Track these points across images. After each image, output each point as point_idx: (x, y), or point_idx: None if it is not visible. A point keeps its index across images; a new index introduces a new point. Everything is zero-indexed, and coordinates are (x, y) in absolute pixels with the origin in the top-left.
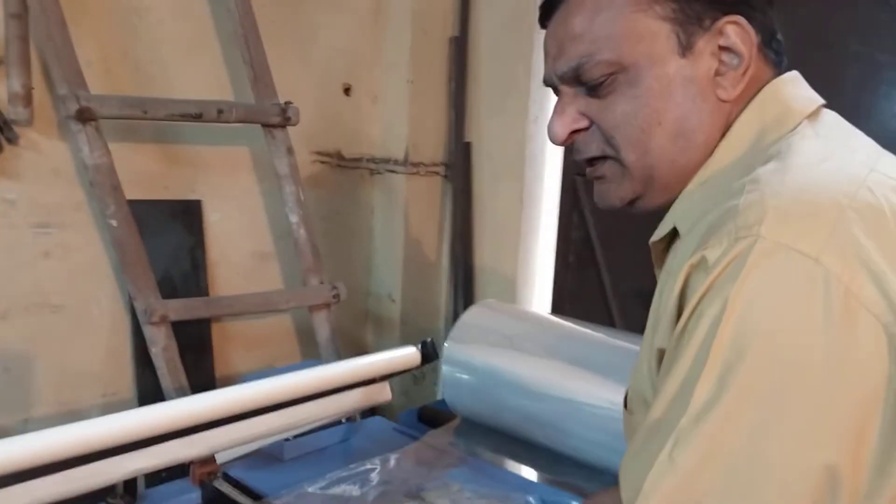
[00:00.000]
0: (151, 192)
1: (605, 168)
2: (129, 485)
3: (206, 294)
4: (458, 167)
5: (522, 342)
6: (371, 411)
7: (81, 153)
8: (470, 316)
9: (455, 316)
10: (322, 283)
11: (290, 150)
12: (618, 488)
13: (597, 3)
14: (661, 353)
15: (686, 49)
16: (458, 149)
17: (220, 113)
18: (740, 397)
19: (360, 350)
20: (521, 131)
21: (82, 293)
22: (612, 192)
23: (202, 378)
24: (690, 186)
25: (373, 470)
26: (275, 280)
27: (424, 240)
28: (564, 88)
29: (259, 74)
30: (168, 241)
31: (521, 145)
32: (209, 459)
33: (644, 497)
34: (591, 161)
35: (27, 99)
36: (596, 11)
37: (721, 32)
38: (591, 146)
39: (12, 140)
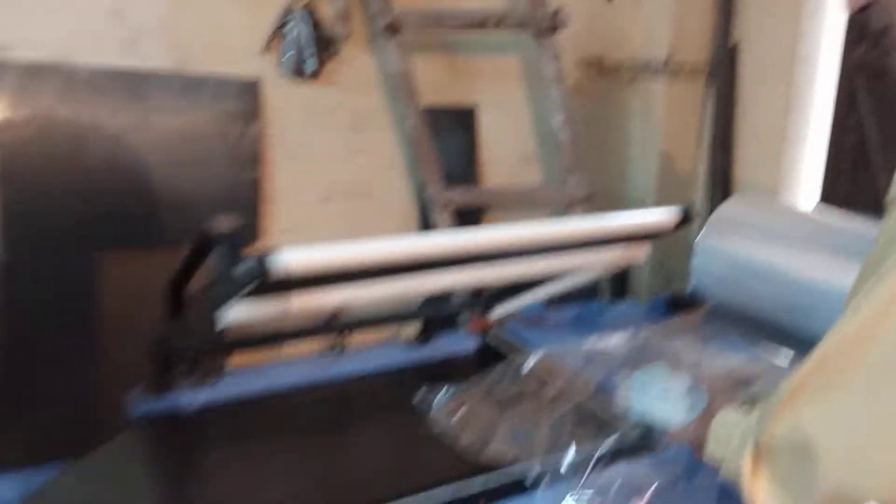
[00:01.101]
0: (436, 98)
1: None
2: (426, 326)
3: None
4: (721, 71)
5: (779, 233)
6: (622, 292)
7: (386, 63)
8: (726, 209)
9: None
10: (579, 181)
11: (556, 55)
12: None
13: None
14: None
15: None
16: (723, 51)
17: (499, 19)
18: None
19: None
20: (794, 29)
21: (382, 184)
22: None
23: None
24: None
25: (628, 336)
26: (534, 181)
27: (681, 146)
28: None
29: None
30: (449, 142)
31: (793, 45)
32: (483, 316)
33: None
34: None
35: (346, 16)
36: None
37: None
38: None
39: (335, 54)
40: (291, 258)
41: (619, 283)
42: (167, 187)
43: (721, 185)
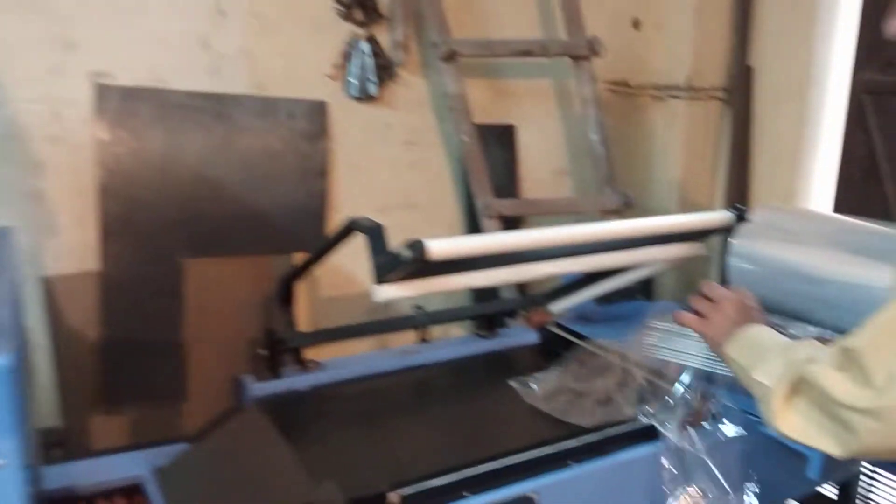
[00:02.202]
0: (480, 118)
1: None
2: (493, 321)
3: None
4: (738, 91)
5: (805, 235)
6: (648, 294)
7: (446, 86)
8: (756, 215)
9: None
10: (614, 192)
11: (593, 78)
12: None
13: None
14: None
15: None
16: (739, 72)
17: (543, 48)
18: None
19: None
20: (807, 51)
21: (432, 195)
22: None
23: None
24: None
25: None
26: (567, 193)
27: (701, 161)
28: None
29: (571, 14)
30: (492, 157)
31: (806, 66)
32: (542, 310)
33: None
34: None
35: (404, 45)
36: None
37: None
38: None
39: (392, 77)
40: (439, 246)
41: (646, 285)
42: (247, 200)
43: (738, 198)
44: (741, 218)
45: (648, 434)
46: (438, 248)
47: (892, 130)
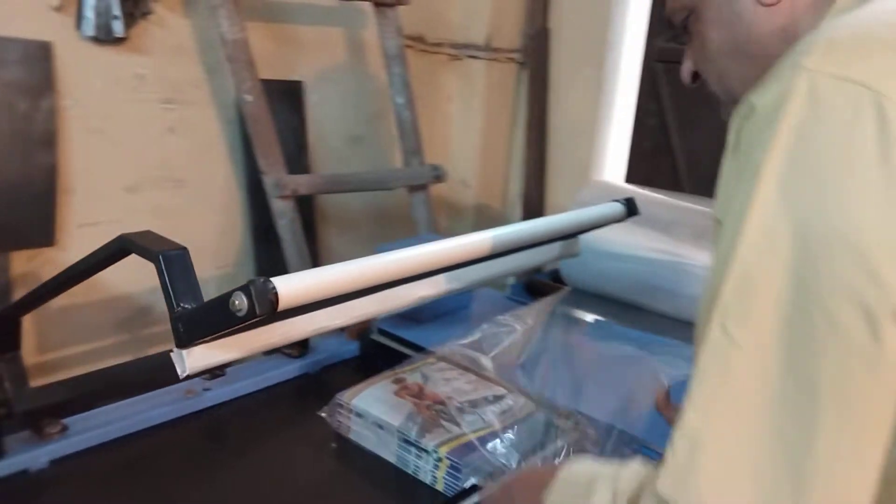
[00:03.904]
0: (260, 71)
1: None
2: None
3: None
4: (535, 54)
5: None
6: None
7: (220, 29)
8: (584, 195)
9: (527, 201)
10: (423, 164)
11: (399, 31)
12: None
13: None
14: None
15: None
16: (537, 34)
17: None
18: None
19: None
20: (602, 17)
21: (201, 169)
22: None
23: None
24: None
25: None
26: (365, 163)
27: (500, 127)
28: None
29: None
30: (277, 121)
31: (601, 32)
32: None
33: None
34: None
35: None
36: None
37: None
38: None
39: (145, 15)
40: (296, 287)
41: None
42: None
43: (537, 167)
44: (631, 211)
45: None
46: (295, 290)
47: (684, 101)
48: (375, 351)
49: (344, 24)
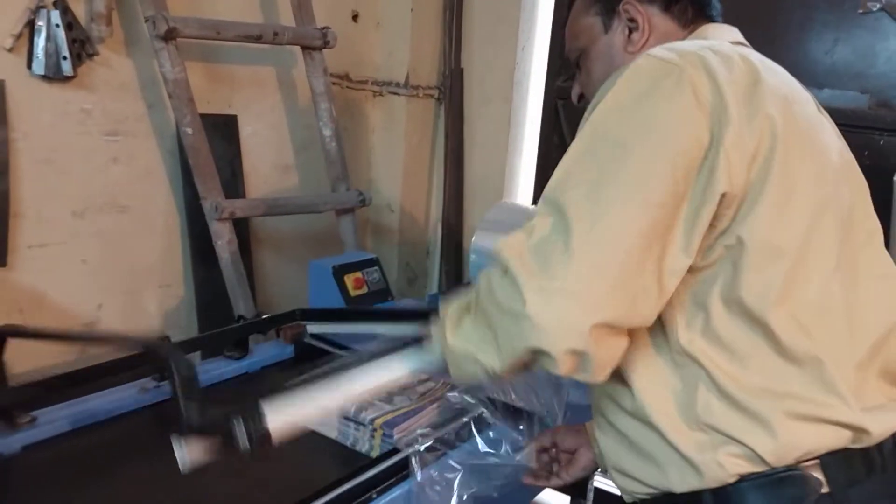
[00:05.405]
0: (197, 106)
1: None
2: (242, 341)
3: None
4: (451, 91)
5: None
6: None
7: (162, 69)
8: (493, 213)
9: (445, 225)
10: (349, 189)
11: (325, 71)
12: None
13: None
14: None
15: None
16: (452, 73)
17: (275, 35)
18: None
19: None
20: (511, 58)
21: (143, 196)
22: None
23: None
24: None
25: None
26: (295, 189)
27: (420, 156)
28: None
29: (302, 2)
30: (214, 151)
31: (510, 71)
32: (295, 322)
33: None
34: None
35: (108, 18)
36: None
37: (622, 11)
38: None
39: (91, 55)
40: (282, 425)
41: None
42: None
43: (455, 192)
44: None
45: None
46: (282, 427)
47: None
48: (309, 353)
49: (275, 63)
